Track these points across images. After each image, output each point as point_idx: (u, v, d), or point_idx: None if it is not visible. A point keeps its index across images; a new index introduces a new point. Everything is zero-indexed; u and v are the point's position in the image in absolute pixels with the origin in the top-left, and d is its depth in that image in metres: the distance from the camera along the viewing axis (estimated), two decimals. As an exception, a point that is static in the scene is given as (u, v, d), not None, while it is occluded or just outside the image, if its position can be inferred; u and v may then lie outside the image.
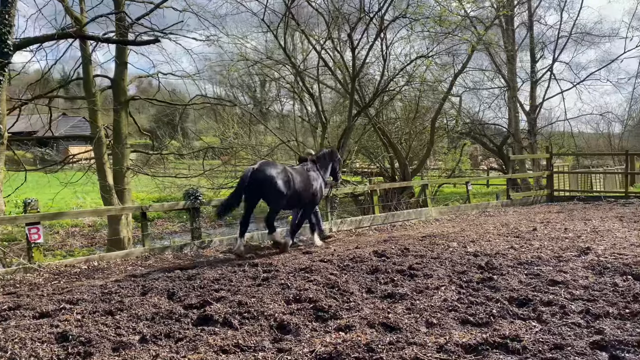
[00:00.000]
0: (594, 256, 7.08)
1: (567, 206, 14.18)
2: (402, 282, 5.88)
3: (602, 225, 9.96)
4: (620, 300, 4.98)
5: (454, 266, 6.62)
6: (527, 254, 7.30)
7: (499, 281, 5.76)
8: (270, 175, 7.84)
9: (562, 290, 5.34)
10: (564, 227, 9.86)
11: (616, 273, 6.06)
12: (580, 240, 8.43)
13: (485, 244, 8.33)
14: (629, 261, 6.67)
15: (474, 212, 13.45)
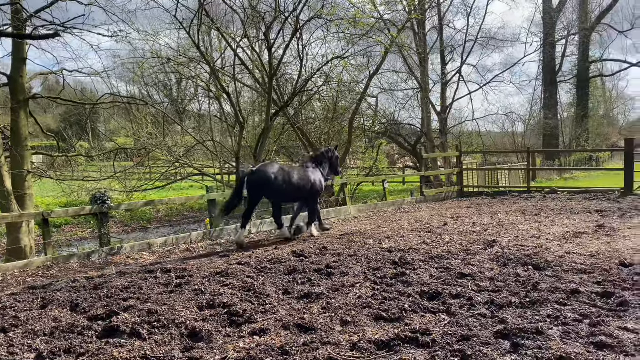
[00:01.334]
0: (499, 248, 7.49)
1: (475, 201, 14.95)
2: (319, 282, 5.87)
3: (506, 219, 10.58)
4: (522, 290, 5.28)
5: (370, 263, 6.72)
6: (438, 249, 7.58)
7: (411, 276, 5.91)
8: (269, 175, 8.82)
9: (470, 282, 5.58)
10: (473, 222, 10.36)
11: (518, 264, 6.44)
12: (487, 233, 8.90)
13: (400, 240, 8.55)
14: (530, 252, 7.13)
15: (390, 209, 13.81)
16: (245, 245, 8.92)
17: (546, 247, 7.50)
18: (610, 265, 6.16)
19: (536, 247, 7.51)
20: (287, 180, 9.04)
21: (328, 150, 10.26)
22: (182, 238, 9.68)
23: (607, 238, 8.04)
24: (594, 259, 6.59)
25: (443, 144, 24.51)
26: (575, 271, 5.99)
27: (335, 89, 16.90)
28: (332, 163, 10.22)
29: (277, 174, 8.92)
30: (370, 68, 18.58)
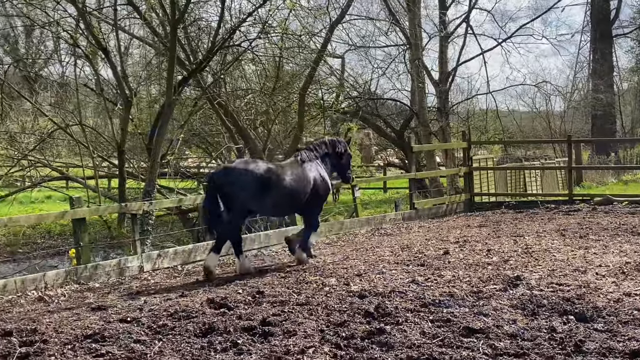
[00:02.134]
0: (525, 289, 7.61)
1: (492, 217, 15.23)
2: (250, 347, 5.80)
3: (537, 244, 10.79)
4: (558, 353, 5.37)
5: (330, 315, 6.70)
6: (434, 291, 7.62)
7: (393, 334, 5.93)
8: (253, 174, 9.56)
9: (481, 342, 5.64)
10: (487, 249, 10.52)
11: (554, 312, 6.57)
12: (508, 266, 9.05)
13: (377, 278, 8.58)
14: (570, 294, 7.29)
15: (364, 229, 13.88)
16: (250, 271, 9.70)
17: (595, 286, 7.66)
18: (687, 313, 6.37)
19: (581, 286, 7.65)
20: (278, 184, 9.67)
21: (334, 141, 10.90)
22: (31, 280, 9.41)
23: (685, 272, 8.32)
24: (665, 304, 6.79)
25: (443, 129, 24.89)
26: (638, 322, 6.15)
27: (278, 44, 16.84)
28: (340, 162, 10.88)
29: (263, 173, 9.59)
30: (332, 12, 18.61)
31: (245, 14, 15.17)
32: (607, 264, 8.95)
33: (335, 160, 10.80)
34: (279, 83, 18.46)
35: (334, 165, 10.83)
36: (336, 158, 10.78)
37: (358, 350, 5.61)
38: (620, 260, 9.18)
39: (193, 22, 16.90)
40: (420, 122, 24.18)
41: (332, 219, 16.47)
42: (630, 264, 8.87)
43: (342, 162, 10.89)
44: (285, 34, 16.14)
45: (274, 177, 9.66)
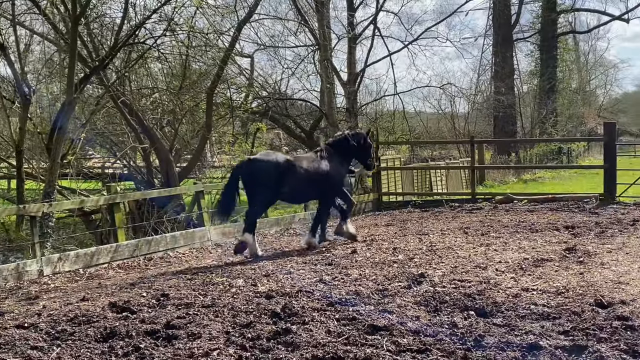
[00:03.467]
0: (429, 286, 7.79)
1: (399, 216, 15.53)
2: (153, 351, 5.70)
3: (441, 242, 11.09)
4: (459, 347, 5.51)
5: (237, 317, 6.66)
6: (341, 290, 7.71)
7: (299, 334, 5.94)
8: (274, 163, 10.81)
9: (385, 339, 5.72)
10: (393, 247, 10.73)
11: (456, 308, 6.75)
12: (413, 264, 9.24)
13: (285, 278, 8.61)
14: (472, 290, 7.50)
15: (273, 230, 13.88)
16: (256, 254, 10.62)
17: (495, 282, 7.92)
18: (583, 307, 6.65)
19: (481, 282, 7.89)
20: (298, 172, 10.85)
21: (353, 134, 12.06)
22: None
23: (580, 266, 8.70)
24: (560, 298, 7.07)
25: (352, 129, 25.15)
26: (535, 316, 6.38)
27: (185, 42, 16.64)
28: (361, 152, 11.95)
29: (283, 162, 10.81)
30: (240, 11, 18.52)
31: (150, 11, 14.93)
32: (506, 260, 9.25)
33: (356, 151, 11.87)
34: (186, 82, 18.24)
35: (356, 155, 12.03)
36: (356, 149, 11.80)
37: (263, 351, 5.59)
38: (519, 256, 9.51)
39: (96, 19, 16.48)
40: (330, 122, 24.34)
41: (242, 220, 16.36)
42: (528, 260, 9.20)
43: (362, 152, 11.96)
44: (192, 32, 15.98)
45: (292, 167, 10.80)
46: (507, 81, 36.48)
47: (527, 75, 44.29)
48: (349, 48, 25.88)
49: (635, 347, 5.35)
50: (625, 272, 8.25)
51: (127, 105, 16.51)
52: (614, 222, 12.57)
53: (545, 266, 8.79)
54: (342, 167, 11.81)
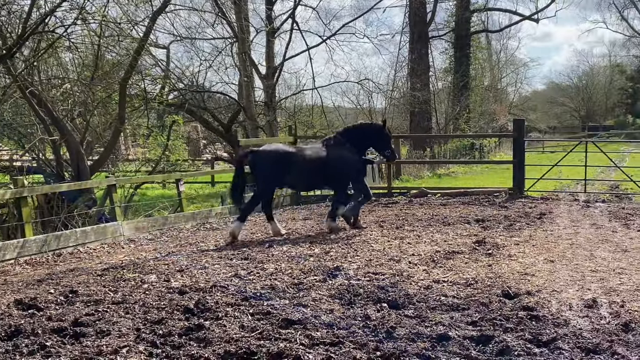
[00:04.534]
0: (343, 279, 7.85)
1: (316, 210, 15.56)
2: (60, 349, 5.53)
3: (357, 235, 11.19)
4: (371, 339, 5.56)
5: (148, 313, 6.54)
6: (256, 284, 7.68)
7: (212, 329, 5.88)
8: (280, 150, 11.70)
9: (299, 333, 5.72)
10: (310, 241, 10.76)
11: (369, 301, 6.81)
12: (329, 257, 9.29)
13: (199, 273, 8.50)
14: (386, 282, 7.60)
15: (189, 224, 13.69)
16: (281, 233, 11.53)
17: (408, 274, 8.05)
18: (491, 298, 6.83)
19: (395, 274, 8.02)
20: (299, 162, 11.44)
21: (370, 125, 12.57)
22: None
23: (489, 259, 8.94)
24: (470, 289, 7.25)
25: (270, 123, 25.13)
26: (445, 308, 6.52)
27: (97, 31, 16.21)
28: (377, 143, 12.18)
29: (284, 153, 11.54)
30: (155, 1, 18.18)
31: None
32: (419, 253, 9.41)
33: (370, 141, 12.19)
34: (99, 72, 17.77)
35: (372, 146, 12.37)
36: (370, 139, 12.11)
37: (175, 348, 5.50)
38: (432, 249, 9.69)
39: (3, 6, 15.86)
40: (248, 116, 24.23)
41: (157, 214, 16.10)
42: (440, 252, 9.38)
43: (379, 142, 12.16)
44: (104, 21, 15.58)
45: (293, 157, 11.43)
46: (422, 78, 37.11)
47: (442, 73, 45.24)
48: (267, 41, 25.82)
49: (540, 336, 5.52)
50: (531, 264, 8.52)
51: (35, 96, 15.96)
52: (522, 216, 12.96)
53: (456, 258, 8.98)
54: (353, 156, 11.93)
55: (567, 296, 6.87)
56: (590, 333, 5.61)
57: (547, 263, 8.60)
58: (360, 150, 12.09)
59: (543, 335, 5.52)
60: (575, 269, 8.22)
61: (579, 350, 5.21)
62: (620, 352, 5.12)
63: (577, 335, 5.55)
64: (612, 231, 11.09)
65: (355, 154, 11.94)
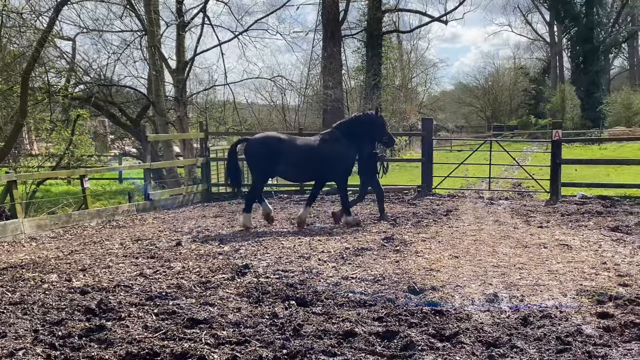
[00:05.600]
0: (252, 277, 7.81)
1: (228, 207, 15.45)
2: (-50, 354, 5.24)
3: (268, 232, 11.18)
4: (278, 337, 5.53)
5: (47, 314, 6.32)
6: (162, 283, 7.55)
7: (114, 330, 5.71)
8: (274, 139, 11.92)
9: (204, 332, 5.63)
10: (220, 238, 10.66)
11: (277, 299, 6.79)
12: (238, 255, 9.22)
13: (103, 272, 8.27)
14: (295, 280, 7.60)
15: (94, 222, 13.30)
16: None
17: (317, 271, 8.08)
18: (397, 293, 6.93)
19: (304, 271, 8.03)
20: (291, 153, 11.58)
21: (362, 115, 12.36)
22: None
23: (396, 255, 9.07)
24: (377, 286, 7.32)
25: (181, 119, 24.72)
26: (353, 304, 6.56)
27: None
28: (371, 131, 12.06)
29: (282, 139, 11.79)
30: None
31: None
32: (329, 250, 9.46)
33: (366, 132, 12.04)
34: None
35: (368, 136, 12.13)
36: (365, 130, 12.01)
37: (74, 350, 5.32)
38: (341, 246, 9.76)
39: None
40: (157, 111, 23.77)
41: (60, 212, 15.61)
42: (350, 249, 9.46)
43: (374, 131, 12.08)
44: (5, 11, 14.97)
45: (285, 148, 11.59)
46: (335, 76, 37.30)
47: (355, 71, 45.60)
48: (177, 35, 25.35)
49: (443, 330, 5.62)
50: (437, 260, 8.68)
51: None
52: (429, 213, 13.24)
53: (364, 255, 9.07)
54: (350, 150, 12.03)
55: (470, 291, 7.04)
56: (491, 327, 5.76)
57: (452, 259, 8.79)
58: (359, 142, 12.07)
59: (446, 330, 5.63)
60: (478, 264, 8.44)
61: (480, 344, 5.34)
62: (519, 345, 5.26)
63: (479, 329, 5.68)
64: (513, 227, 11.46)
65: (352, 148, 12.01)
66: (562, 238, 10.34)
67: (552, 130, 16.54)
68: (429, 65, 68.65)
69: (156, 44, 23.71)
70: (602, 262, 8.49)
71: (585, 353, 5.05)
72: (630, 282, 7.38)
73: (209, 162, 18.19)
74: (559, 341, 5.35)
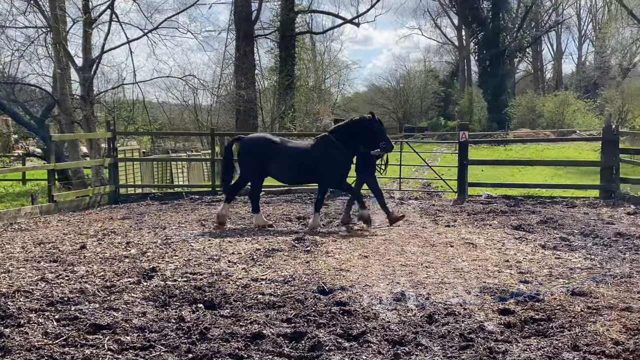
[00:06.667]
0: (159, 280, 7.67)
1: (136, 209, 15.11)
2: None
3: (177, 235, 10.98)
4: (184, 341, 5.45)
5: (-62, 323, 6.01)
6: (64, 288, 7.31)
7: (12, 337, 5.50)
8: (266, 140, 12.13)
9: (107, 338, 5.50)
10: (127, 241, 10.39)
11: (185, 302, 6.69)
12: (146, 258, 9.03)
13: (2, 277, 7.95)
14: (203, 283, 7.51)
15: (-6, 225, 12.81)
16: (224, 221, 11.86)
17: (227, 273, 8.01)
18: (306, 294, 6.94)
19: (213, 274, 7.94)
20: (280, 154, 11.67)
21: (358, 120, 12.02)
22: None
23: (307, 255, 9.11)
24: (287, 287, 7.32)
25: (87, 118, 24.08)
26: (262, 306, 6.54)
27: None
28: (368, 136, 11.74)
29: (274, 140, 11.97)
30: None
31: None
32: (239, 251, 9.39)
33: (363, 136, 11.76)
34: None
35: (367, 140, 11.78)
36: (363, 134, 11.74)
37: (-32, 359, 5.09)
38: (252, 247, 9.71)
39: None
40: (62, 110, 23.06)
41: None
42: (260, 250, 9.42)
43: (371, 136, 11.74)
44: None
45: (275, 148, 11.70)
46: (248, 76, 37.15)
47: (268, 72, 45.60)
48: (84, 32, 24.61)
49: (350, 330, 5.67)
50: (347, 260, 8.78)
51: None
52: (341, 213, 13.33)
53: (275, 256, 9.05)
54: (343, 155, 11.82)
55: (378, 290, 7.14)
56: (397, 325, 5.85)
57: (362, 258, 8.90)
58: (354, 147, 11.85)
59: (353, 330, 5.68)
60: (387, 263, 8.57)
61: (386, 342, 5.41)
62: (424, 342, 5.37)
63: (385, 328, 5.76)
64: (422, 227, 11.72)
65: (344, 152, 11.79)
66: (468, 237, 10.65)
67: (459, 132, 16.98)
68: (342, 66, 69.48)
69: (62, 41, 23.00)
70: (505, 260, 8.79)
71: (487, 349, 5.20)
72: (531, 279, 7.68)
73: (117, 162, 17.77)
74: (462, 338, 5.49)
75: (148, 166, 23.56)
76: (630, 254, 9.20)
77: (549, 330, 5.73)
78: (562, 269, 8.28)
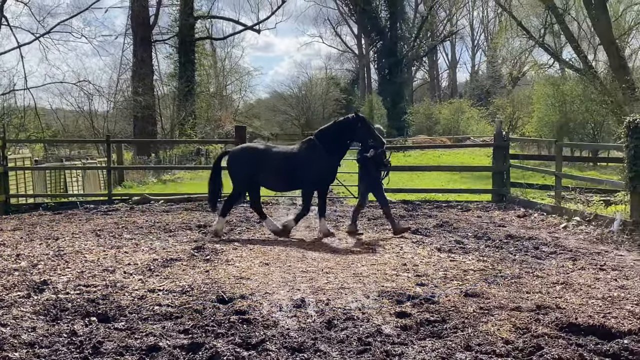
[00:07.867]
0: (51, 294, 7.38)
1: (28, 220, 14.52)
2: None
3: (70, 246, 10.60)
4: (76, 356, 5.26)
5: None
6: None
7: None
8: (254, 149, 12.05)
9: (-11, 357, 5.24)
10: (17, 253, 9.96)
11: (77, 315, 6.46)
12: (36, 270, 8.67)
13: None
14: (96, 295, 7.28)
15: None
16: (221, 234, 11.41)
17: (122, 284, 7.79)
18: (205, 304, 6.84)
19: (108, 286, 7.72)
20: (269, 162, 11.53)
21: (342, 121, 11.62)
22: None
23: (207, 264, 8.99)
24: (185, 297, 7.19)
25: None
26: (159, 317, 6.39)
27: None
28: (357, 135, 11.44)
29: (263, 148, 11.93)
30: None
31: None
32: (136, 262, 9.16)
33: (350, 137, 11.53)
34: None
35: (354, 140, 11.65)
36: (350, 134, 11.48)
37: None
38: (150, 257, 9.50)
39: None
40: (-52, 117, 21.95)
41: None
42: (158, 260, 9.22)
43: (358, 135, 11.44)
44: None
45: (263, 157, 11.58)
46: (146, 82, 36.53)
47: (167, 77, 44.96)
48: (-29, 37, 23.66)
49: (249, 339, 5.63)
50: (248, 268, 8.73)
51: None
52: (243, 220, 13.36)
53: (173, 266, 8.89)
54: (326, 158, 11.40)
55: (278, 297, 7.12)
56: (297, 332, 5.85)
57: (263, 266, 8.87)
58: (340, 149, 11.55)
59: (252, 338, 5.64)
60: (288, 270, 8.59)
61: (285, 350, 5.40)
62: (323, 348, 5.39)
63: (285, 335, 5.75)
64: (316, 232, 11.81)
65: (328, 156, 11.39)
66: (368, 242, 10.80)
67: (360, 139, 17.19)
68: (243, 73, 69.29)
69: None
70: (402, 263, 8.99)
71: (384, 352, 5.28)
72: (427, 281, 7.88)
73: (7, 171, 17.04)
74: (360, 342, 5.55)
75: (40, 175, 22.70)
76: (520, 256, 9.61)
77: (443, 332, 5.89)
78: (457, 270, 8.55)
